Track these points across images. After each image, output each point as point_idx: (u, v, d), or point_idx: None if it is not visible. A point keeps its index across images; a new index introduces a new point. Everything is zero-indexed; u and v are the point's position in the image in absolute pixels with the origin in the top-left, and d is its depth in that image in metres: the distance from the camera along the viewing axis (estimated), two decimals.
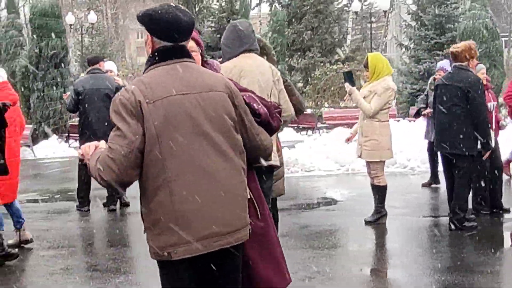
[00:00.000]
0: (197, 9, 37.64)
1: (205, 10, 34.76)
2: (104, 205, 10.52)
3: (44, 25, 20.79)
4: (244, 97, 3.59)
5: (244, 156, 3.43)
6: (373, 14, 38.12)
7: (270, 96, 5.61)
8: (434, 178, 11.73)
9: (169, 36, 3.32)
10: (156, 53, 3.36)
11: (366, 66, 8.69)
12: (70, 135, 21.95)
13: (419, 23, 31.17)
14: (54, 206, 11.35)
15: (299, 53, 35.01)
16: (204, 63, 3.92)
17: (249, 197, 3.51)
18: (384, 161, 8.82)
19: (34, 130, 21.16)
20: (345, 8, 37.03)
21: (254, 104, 3.64)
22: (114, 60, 39.92)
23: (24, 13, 35.56)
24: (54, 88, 21.54)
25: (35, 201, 11.87)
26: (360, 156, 8.78)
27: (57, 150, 20.94)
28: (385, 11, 33.96)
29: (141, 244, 8.23)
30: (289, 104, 5.79)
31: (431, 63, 27.56)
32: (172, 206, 3.22)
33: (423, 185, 11.78)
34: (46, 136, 21.72)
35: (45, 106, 21.65)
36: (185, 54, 3.39)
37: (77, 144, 22.01)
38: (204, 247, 3.25)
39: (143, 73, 3.40)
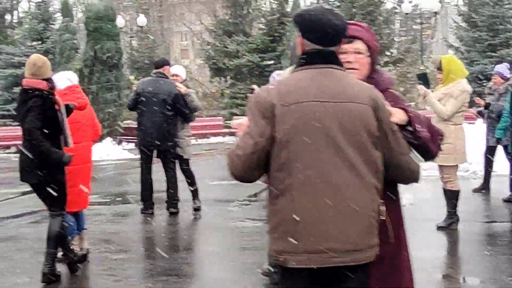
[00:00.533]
0: (245, 11, 37.72)
1: (256, 12, 34.77)
2: (167, 208, 10.52)
3: (99, 28, 20.94)
4: (410, 114, 3.41)
5: (380, 174, 3.26)
6: (420, 15, 37.67)
7: None
8: (486, 184, 11.56)
9: (318, 40, 3.22)
10: (304, 56, 3.27)
11: (439, 68, 8.55)
12: (124, 137, 22.10)
13: (470, 24, 30.76)
14: (117, 209, 11.42)
15: None
16: (373, 71, 3.66)
17: (382, 219, 3.35)
18: (458, 165, 8.66)
19: None
20: (395, 10, 36.67)
21: (417, 125, 3.43)
22: None
23: (76, 16, 35.85)
24: (109, 91, 21.69)
25: (99, 203, 11.94)
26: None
27: (111, 153, 21.12)
28: (435, 12, 33.56)
29: (211, 248, 8.29)
30: None
31: (485, 65, 27.18)
32: (292, 213, 3.14)
33: (475, 190, 11.57)
34: (100, 138, 21.83)
35: (99, 109, 21.79)
36: (333, 60, 3.26)
37: (129, 146, 22.19)
38: (318, 262, 3.15)
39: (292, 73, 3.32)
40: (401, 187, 3.58)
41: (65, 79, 7.63)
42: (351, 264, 3.16)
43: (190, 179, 10.68)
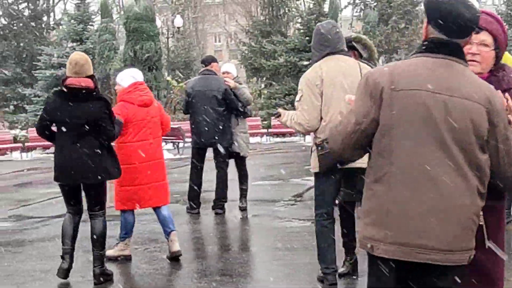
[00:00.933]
0: (281, 11, 37.65)
1: (292, 11, 34.68)
2: (213, 208, 10.46)
3: (139, 28, 20.99)
4: None
5: (485, 179, 3.09)
6: None
7: None
8: None
9: (445, 30, 3.08)
10: (426, 42, 3.14)
11: None
12: (163, 137, 22.04)
13: (510, 24, 30.42)
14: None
15: (385, 56, 34.56)
16: (498, 68, 3.49)
17: (481, 223, 3.21)
18: None
19: None
20: None
21: None
22: (198, 63, 40.25)
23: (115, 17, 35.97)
24: None
25: None
26: None
27: None
28: None
29: (261, 248, 8.19)
30: None
31: None
32: (386, 201, 3.06)
33: None
34: None
35: None
36: (456, 52, 3.11)
37: (168, 146, 22.19)
38: (405, 254, 3.05)
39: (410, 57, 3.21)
40: None
41: (129, 77, 7.58)
42: (443, 264, 3.05)
43: (243, 178, 10.61)
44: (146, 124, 7.43)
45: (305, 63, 28.92)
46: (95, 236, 6.82)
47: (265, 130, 27.95)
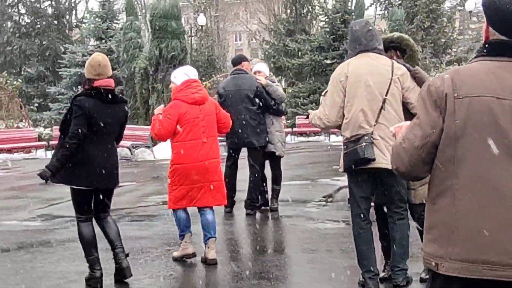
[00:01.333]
0: (305, 10, 37.49)
1: (316, 9, 34.47)
2: (245, 207, 10.32)
3: (164, 26, 20.88)
4: None
5: None
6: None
7: (387, 95, 5.74)
8: None
9: (506, 30, 2.90)
10: (486, 45, 2.94)
11: None
12: None
13: None
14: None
15: None
16: None
17: None
18: None
19: None
20: (458, 7, 35.99)
21: None
22: (221, 62, 40.12)
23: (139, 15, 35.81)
24: None
25: None
26: None
27: None
28: None
29: (297, 250, 8.02)
30: None
31: None
32: (451, 216, 2.86)
33: None
34: None
35: None
36: None
37: None
38: (473, 272, 2.85)
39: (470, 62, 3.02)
40: None
41: (182, 74, 7.46)
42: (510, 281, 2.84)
43: (277, 178, 10.48)
44: (199, 122, 7.27)
45: (330, 62, 28.75)
46: (112, 233, 6.72)
47: (289, 129, 27.74)
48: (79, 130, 6.28)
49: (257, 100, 10.04)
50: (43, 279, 6.96)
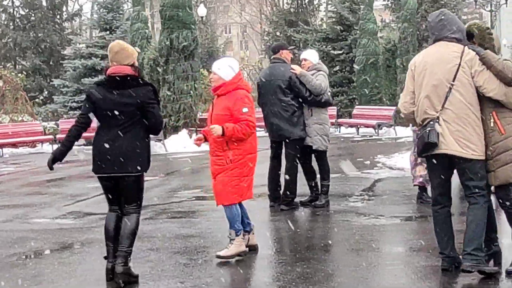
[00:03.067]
0: (306, 0, 36.98)
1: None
2: (281, 203, 9.82)
3: (175, 16, 20.27)
4: None
5: None
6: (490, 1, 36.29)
7: (454, 80, 5.84)
8: None
9: None
10: None
11: None
12: (199, 129, 21.44)
13: None
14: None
15: None
16: None
17: None
18: None
19: (165, 124, 20.69)
20: None
21: None
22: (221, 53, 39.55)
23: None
24: (184, 81, 20.98)
25: (203, 198, 11.32)
26: None
27: (187, 145, 20.44)
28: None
29: (365, 250, 7.43)
30: (492, 82, 5.83)
31: None
32: None
33: None
34: (176, 130, 21.27)
35: (175, 100, 21.11)
36: None
37: None
38: None
39: None
40: None
41: (227, 66, 7.18)
42: None
43: (323, 173, 9.95)
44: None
45: (338, 52, 28.25)
46: (125, 231, 6.33)
47: None
48: (80, 116, 6.40)
49: (289, 91, 9.55)
50: (100, 283, 6.41)
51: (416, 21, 26.50)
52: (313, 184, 10.01)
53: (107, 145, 6.24)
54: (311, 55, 10.05)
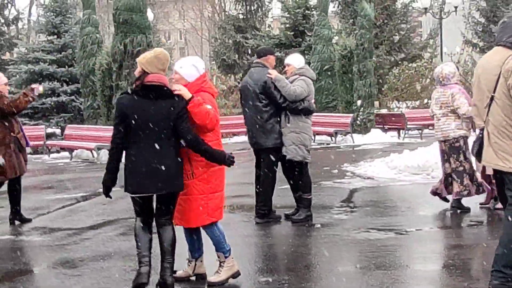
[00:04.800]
0: (255, 6, 36.55)
1: (267, 5, 33.55)
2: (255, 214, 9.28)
3: (129, 20, 19.50)
4: None
5: None
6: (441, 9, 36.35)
7: (495, 92, 5.49)
8: None
9: None
10: None
11: None
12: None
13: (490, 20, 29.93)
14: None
15: None
16: None
17: None
18: None
19: None
20: (412, 3, 35.49)
21: None
22: None
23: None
24: None
25: None
26: None
27: None
28: (455, 7, 32.48)
29: (370, 268, 6.88)
30: None
31: None
32: None
33: None
34: None
35: None
36: None
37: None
38: None
39: None
40: None
41: (190, 65, 6.38)
42: None
43: (302, 186, 9.28)
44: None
45: None
46: (165, 244, 5.99)
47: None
48: (116, 136, 5.87)
49: (263, 96, 9.04)
50: None
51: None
52: (297, 197, 9.45)
53: (147, 163, 5.76)
54: (294, 60, 9.46)
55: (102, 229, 9.31)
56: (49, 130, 23.56)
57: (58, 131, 24.01)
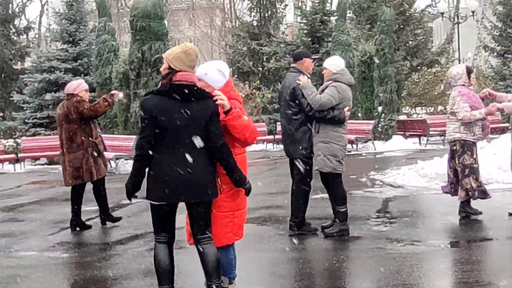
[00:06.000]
0: (269, 13, 36.11)
1: (282, 12, 33.13)
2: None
3: (146, 27, 19.12)
4: None
5: None
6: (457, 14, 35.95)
7: None
8: None
9: None
10: None
11: None
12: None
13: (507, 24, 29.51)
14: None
15: None
16: None
17: None
18: None
19: None
20: (428, 8, 35.05)
21: None
22: None
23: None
24: None
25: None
26: None
27: None
28: (473, 12, 32.04)
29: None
30: None
31: None
32: None
33: None
34: None
35: None
36: None
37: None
38: None
39: None
40: None
41: (216, 71, 5.79)
42: None
43: (335, 198, 8.80)
44: None
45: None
46: (209, 264, 5.46)
47: (271, 137, 26.32)
48: (142, 141, 5.33)
49: (293, 103, 8.61)
50: None
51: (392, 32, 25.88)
52: (333, 209, 8.99)
53: (176, 169, 5.26)
54: (330, 63, 8.85)
55: (131, 244, 8.88)
56: None
57: None
